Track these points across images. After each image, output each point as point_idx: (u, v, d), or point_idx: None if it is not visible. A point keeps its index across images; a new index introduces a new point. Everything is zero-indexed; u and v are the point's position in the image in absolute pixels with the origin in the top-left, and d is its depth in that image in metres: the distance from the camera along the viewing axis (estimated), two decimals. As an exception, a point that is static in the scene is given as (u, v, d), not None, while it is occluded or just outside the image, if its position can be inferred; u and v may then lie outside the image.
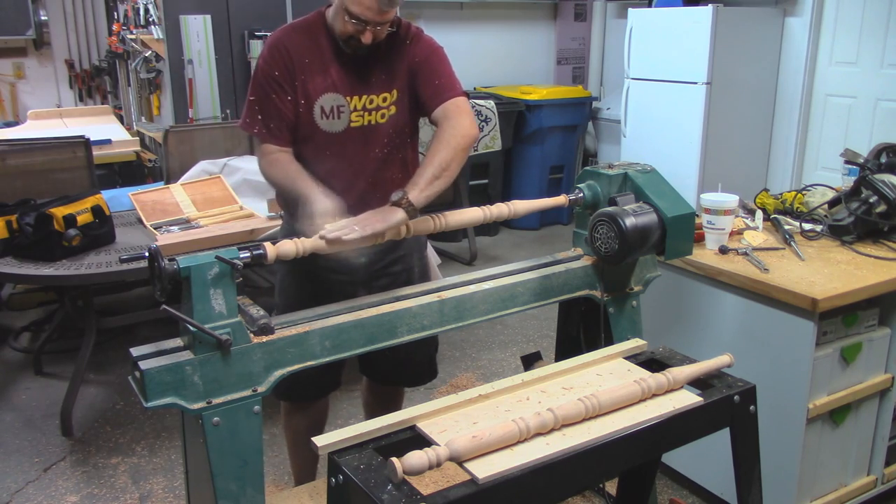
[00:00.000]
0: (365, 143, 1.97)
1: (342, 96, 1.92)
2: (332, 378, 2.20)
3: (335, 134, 1.94)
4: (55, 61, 6.18)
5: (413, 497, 1.24)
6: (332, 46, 1.93)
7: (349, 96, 1.93)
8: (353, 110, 1.94)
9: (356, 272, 2.03)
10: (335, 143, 1.95)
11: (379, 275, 2.08)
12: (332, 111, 1.93)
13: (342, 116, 1.93)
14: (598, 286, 1.93)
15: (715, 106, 4.71)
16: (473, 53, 6.24)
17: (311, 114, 1.92)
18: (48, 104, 5.98)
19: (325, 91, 1.91)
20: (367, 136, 1.97)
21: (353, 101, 1.94)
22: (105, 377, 3.50)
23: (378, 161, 2.01)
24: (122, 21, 5.58)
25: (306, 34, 1.93)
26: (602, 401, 1.47)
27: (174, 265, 1.43)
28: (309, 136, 1.95)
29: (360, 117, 1.95)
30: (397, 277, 2.10)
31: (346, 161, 1.97)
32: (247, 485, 1.54)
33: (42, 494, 2.65)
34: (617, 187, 1.89)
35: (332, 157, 1.96)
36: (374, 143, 1.99)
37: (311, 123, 1.93)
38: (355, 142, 1.96)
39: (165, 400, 1.43)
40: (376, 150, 2.00)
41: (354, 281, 2.03)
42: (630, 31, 5.06)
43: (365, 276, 2.05)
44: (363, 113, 1.95)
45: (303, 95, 1.91)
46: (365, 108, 1.95)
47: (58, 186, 3.45)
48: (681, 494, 2.54)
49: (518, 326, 3.98)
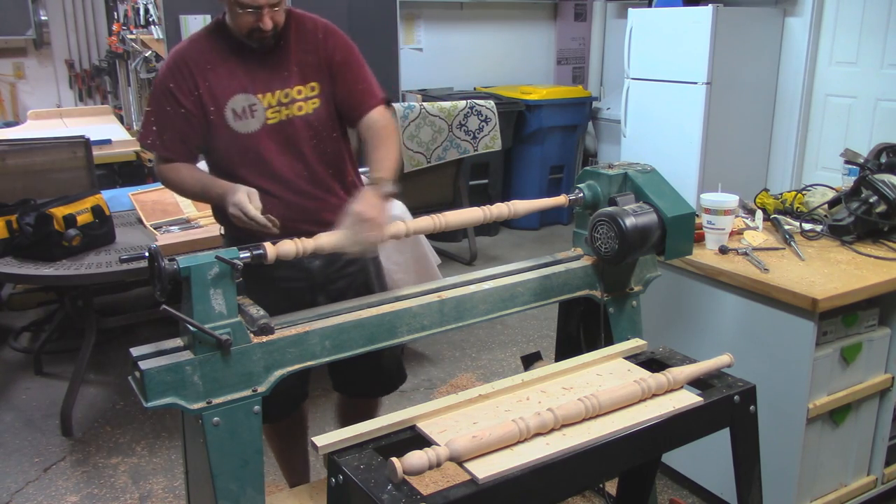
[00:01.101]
0: (286, 139, 1.96)
1: (252, 95, 1.92)
2: (300, 390, 2.17)
3: (252, 134, 1.93)
4: (55, 61, 6.18)
5: (413, 497, 1.24)
6: (235, 48, 1.93)
7: (261, 94, 1.92)
8: (268, 107, 1.93)
9: (313, 276, 2.03)
10: (255, 144, 1.94)
11: (335, 277, 2.07)
12: (245, 111, 1.92)
13: (256, 115, 1.92)
14: (598, 286, 1.93)
15: (715, 106, 4.71)
16: (473, 53, 6.24)
17: (222, 118, 1.91)
18: (48, 104, 5.98)
19: (234, 93, 1.91)
20: (288, 131, 1.96)
21: (267, 98, 1.93)
22: (105, 377, 3.50)
23: (306, 155, 1.99)
24: (122, 21, 5.58)
25: (206, 41, 1.94)
26: (602, 401, 1.47)
27: (174, 265, 1.43)
28: (227, 141, 1.93)
29: (277, 113, 1.94)
30: (354, 279, 2.09)
31: (273, 160, 1.95)
32: (247, 485, 1.54)
33: (42, 494, 2.65)
34: (617, 187, 1.89)
35: (257, 160, 1.94)
36: (297, 138, 1.97)
37: (224, 127, 1.92)
38: (275, 139, 1.95)
39: (165, 400, 1.43)
40: (302, 144, 1.98)
41: (313, 286, 2.03)
42: (630, 31, 5.06)
43: (322, 280, 2.04)
44: (279, 108, 1.94)
45: (211, 102, 1.90)
46: (280, 103, 1.94)
47: (58, 186, 3.44)
48: (681, 494, 2.54)
49: (518, 326, 3.98)
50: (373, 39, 5.11)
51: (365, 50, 2.07)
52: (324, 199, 2.02)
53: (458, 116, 4.76)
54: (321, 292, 2.03)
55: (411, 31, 5.94)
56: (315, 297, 2.01)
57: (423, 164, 4.66)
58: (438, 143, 4.70)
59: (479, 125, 4.87)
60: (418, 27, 5.98)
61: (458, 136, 4.79)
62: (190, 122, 1.91)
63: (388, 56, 5.26)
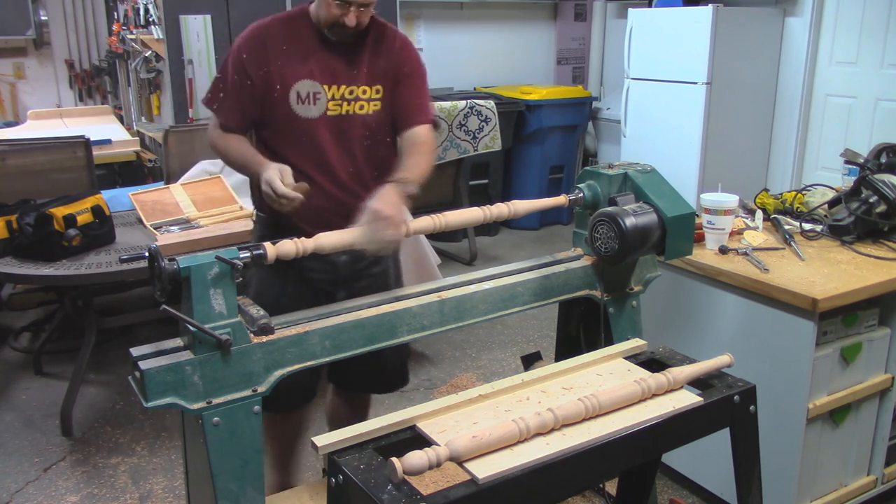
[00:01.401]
0: (341, 132, 2.02)
1: (319, 84, 1.98)
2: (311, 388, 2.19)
3: (311, 119, 1.99)
4: (55, 61, 6.17)
5: (413, 497, 1.24)
6: (314, 37, 2.00)
7: (327, 84, 1.99)
8: (331, 99, 1.99)
9: (339, 269, 2.06)
10: (312, 129, 2.00)
11: (360, 275, 2.10)
12: (308, 97, 1.98)
13: (318, 103, 1.98)
14: (598, 286, 1.93)
15: (715, 106, 4.71)
16: (473, 53, 6.24)
17: (286, 99, 1.97)
18: (48, 104, 5.97)
19: (301, 78, 1.97)
20: (344, 126, 2.02)
21: (332, 90, 1.99)
22: (105, 377, 3.50)
23: (356, 152, 2.04)
24: (122, 21, 5.58)
25: (288, 25, 2.01)
26: (602, 401, 1.47)
27: (174, 265, 1.43)
28: (285, 122, 1.99)
29: (338, 106, 2.00)
30: (376, 279, 2.13)
31: (327, 149, 2.01)
32: (247, 485, 1.54)
33: (42, 494, 2.65)
34: (617, 187, 1.89)
35: (310, 145, 2.00)
36: (351, 134, 2.03)
37: (286, 108, 1.98)
38: (331, 130, 2.01)
39: (165, 400, 1.43)
40: (354, 142, 2.03)
41: (336, 280, 2.07)
42: (630, 31, 5.06)
43: (346, 275, 2.08)
44: (341, 102, 2.00)
45: (278, 81, 1.96)
46: (343, 98, 2.00)
47: (58, 186, 3.45)
48: (681, 494, 2.54)
49: (518, 326, 3.98)
50: (373, 39, 5.11)
51: None
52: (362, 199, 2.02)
53: (458, 116, 4.76)
54: (343, 287, 2.07)
55: (411, 31, 5.94)
56: (336, 290, 2.05)
57: (423, 164, 4.65)
58: (438, 143, 4.70)
59: (479, 125, 4.87)
60: (418, 27, 5.98)
61: (458, 136, 4.79)
62: (253, 96, 1.98)
63: (388, 56, 5.25)
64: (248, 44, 1.98)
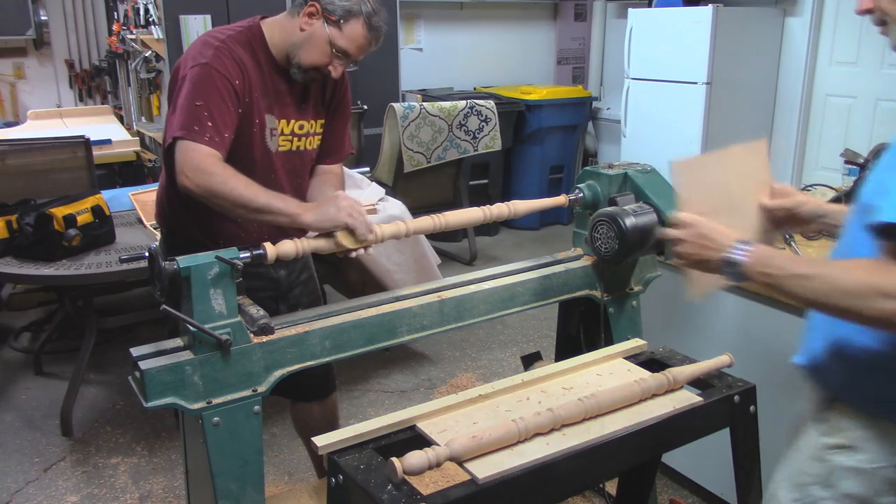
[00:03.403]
0: (293, 168, 1.96)
1: (275, 118, 1.88)
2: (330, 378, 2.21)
3: (273, 154, 1.90)
4: (55, 61, 6.17)
5: (413, 497, 1.24)
6: (272, 66, 1.86)
7: (280, 119, 1.88)
8: (281, 134, 1.90)
9: (280, 285, 2.04)
10: (274, 165, 1.91)
11: (294, 285, 2.09)
12: (271, 132, 1.88)
13: (274, 138, 1.89)
14: (598, 286, 1.93)
15: (715, 106, 4.71)
16: (473, 53, 6.24)
17: (263, 132, 1.85)
18: (48, 104, 5.97)
19: (267, 111, 1.86)
20: (295, 161, 1.96)
21: (281, 125, 1.89)
22: (105, 377, 3.50)
23: (303, 188, 2.00)
24: (122, 21, 5.58)
25: (249, 50, 1.83)
26: (602, 401, 1.47)
27: (174, 265, 1.43)
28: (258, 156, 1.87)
29: (289, 142, 1.92)
30: (306, 285, 2.13)
31: (284, 186, 1.92)
32: (247, 485, 1.55)
33: (42, 494, 2.65)
34: (617, 187, 1.89)
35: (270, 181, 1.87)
36: (302, 171, 1.99)
37: (262, 142, 1.85)
38: (286, 166, 1.94)
39: (165, 400, 1.43)
40: (303, 178, 2.00)
41: (277, 295, 2.03)
42: (630, 31, 5.06)
43: (285, 288, 2.06)
44: (291, 138, 1.92)
45: (257, 114, 1.84)
46: (294, 133, 1.92)
47: (58, 186, 3.45)
48: (681, 494, 2.54)
49: (518, 326, 3.98)
50: (373, 39, 5.11)
51: None
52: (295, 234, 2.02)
53: (458, 116, 4.76)
54: (283, 301, 2.04)
55: (411, 31, 5.94)
56: (278, 305, 2.01)
57: (423, 164, 4.66)
58: (438, 143, 4.70)
59: (479, 125, 4.87)
60: (418, 27, 5.98)
61: (458, 136, 4.79)
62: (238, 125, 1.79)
63: (388, 56, 5.26)
64: (233, 68, 1.77)
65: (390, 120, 4.57)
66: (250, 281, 1.71)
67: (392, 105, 4.57)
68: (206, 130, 1.71)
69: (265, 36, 1.86)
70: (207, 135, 1.71)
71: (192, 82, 1.74)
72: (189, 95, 1.73)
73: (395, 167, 4.57)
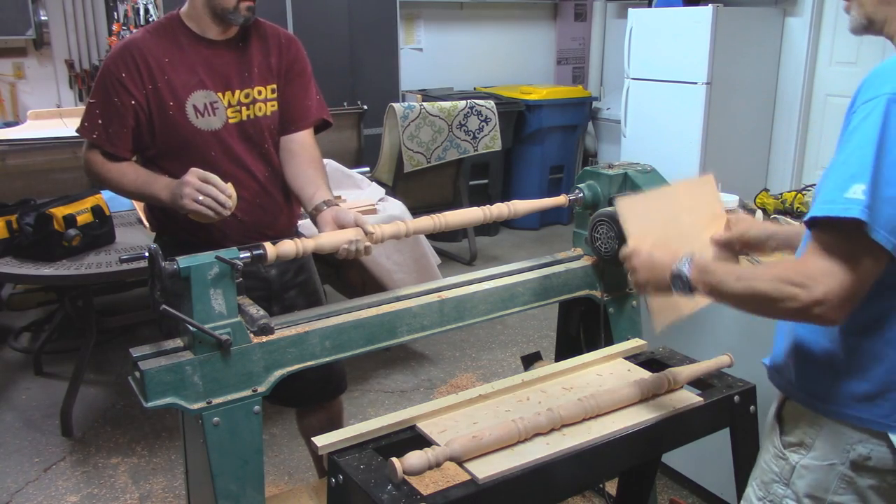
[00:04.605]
0: (249, 137, 1.95)
1: (213, 92, 1.88)
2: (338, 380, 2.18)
3: (215, 132, 1.89)
4: (55, 61, 6.17)
5: (413, 497, 1.24)
6: (195, 44, 1.88)
7: (221, 92, 1.89)
8: (229, 105, 1.90)
9: (272, 285, 2.04)
10: (217, 141, 1.90)
11: (289, 286, 2.08)
12: (206, 108, 1.88)
13: (217, 113, 1.89)
14: (598, 286, 1.93)
15: (715, 106, 4.71)
16: (473, 53, 6.24)
17: (183, 114, 1.86)
18: (48, 104, 5.97)
19: (194, 89, 1.86)
20: (250, 130, 1.94)
21: (227, 97, 1.90)
22: (105, 377, 3.50)
23: (270, 155, 1.99)
24: (122, 21, 5.58)
25: (164, 36, 1.87)
26: (602, 401, 1.47)
27: (174, 265, 1.43)
28: (187, 138, 1.88)
29: (238, 112, 1.91)
30: (304, 287, 2.11)
31: (233, 159, 1.93)
32: (247, 485, 1.54)
33: (42, 494, 2.65)
34: (617, 187, 1.89)
35: (219, 157, 1.90)
36: (258, 138, 1.96)
37: (186, 124, 1.87)
38: (240, 137, 1.93)
39: (165, 400, 1.43)
40: (266, 144, 1.98)
41: (269, 296, 2.02)
42: (630, 31, 5.06)
43: (278, 288, 2.05)
44: (239, 108, 1.91)
45: (170, 97, 1.85)
46: (241, 103, 1.92)
47: (58, 186, 3.44)
48: (681, 494, 2.54)
49: (518, 326, 3.98)
50: (373, 39, 5.11)
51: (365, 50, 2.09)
52: (281, 204, 2.04)
53: (458, 116, 4.76)
54: (276, 302, 2.03)
55: (411, 31, 5.94)
56: (270, 306, 1.99)
57: (423, 164, 4.66)
58: (438, 143, 4.70)
59: (479, 125, 4.87)
60: (418, 27, 5.98)
61: (458, 136, 4.79)
62: (138, 116, 1.84)
63: (388, 56, 5.26)
64: (126, 62, 1.82)
65: (390, 120, 4.57)
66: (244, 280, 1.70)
67: (392, 105, 4.57)
68: (94, 128, 1.85)
69: (182, 19, 1.89)
70: (95, 132, 1.85)
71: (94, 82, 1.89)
72: (91, 95, 1.88)
73: (395, 167, 4.57)
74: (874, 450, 1.19)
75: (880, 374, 1.17)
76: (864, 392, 1.18)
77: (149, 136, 1.88)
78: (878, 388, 1.17)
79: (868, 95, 1.12)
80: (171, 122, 1.85)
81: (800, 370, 1.27)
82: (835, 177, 1.10)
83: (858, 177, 1.07)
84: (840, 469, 1.22)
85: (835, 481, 1.22)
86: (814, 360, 1.24)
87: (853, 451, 1.20)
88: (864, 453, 1.19)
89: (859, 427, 1.20)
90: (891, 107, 1.08)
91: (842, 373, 1.20)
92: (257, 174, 1.97)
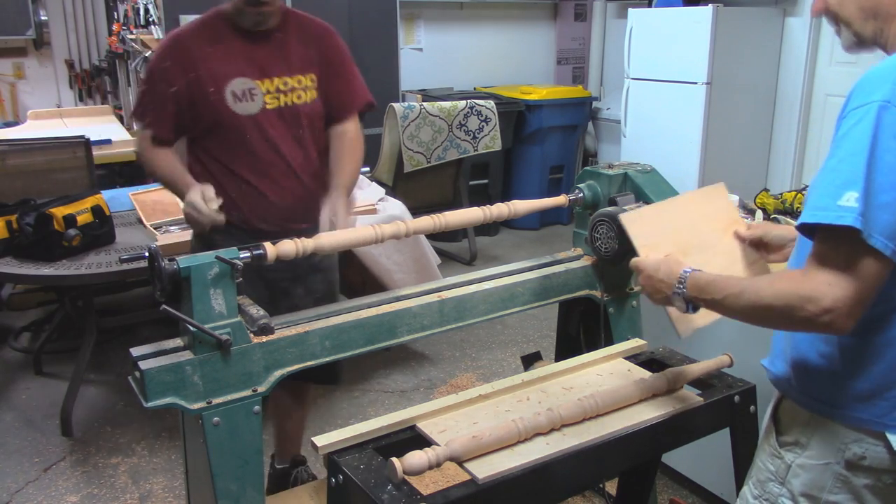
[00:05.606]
0: (287, 123, 2.05)
1: (251, 80, 2.00)
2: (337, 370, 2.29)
3: (252, 116, 2.01)
4: (55, 61, 6.17)
5: (413, 497, 1.24)
6: (235, 36, 2.01)
7: (259, 80, 2.01)
8: (266, 92, 2.02)
9: (297, 266, 2.08)
10: (254, 125, 2.01)
11: (315, 269, 2.16)
12: (245, 94, 2.00)
13: (255, 99, 2.01)
14: (598, 286, 1.93)
15: (715, 106, 4.71)
16: (473, 53, 6.24)
17: (223, 99, 1.98)
18: (48, 104, 5.97)
19: (233, 76, 1.99)
20: (288, 116, 2.05)
21: (265, 84, 2.02)
22: (105, 377, 3.50)
23: (306, 142, 2.09)
24: (122, 21, 5.57)
25: (206, 28, 2.03)
26: (602, 401, 1.47)
27: (174, 265, 1.43)
28: (226, 122, 2.00)
29: (276, 99, 2.03)
30: (327, 274, 2.20)
31: (268, 142, 2.03)
32: (247, 485, 1.55)
33: (42, 494, 2.65)
34: (617, 187, 1.89)
35: (255, 140, 2.02)
36: (299, 123, 2.06)
37: (225, 109, 1.99)
38: (274, 123, 2.03)
39: (165, 400, 1.43)
40: (303, 130, 2.07)
41: (294, 277, 2.12)
42: (630, 31, 5.06)
43: (303, 271, 2.13)
44: (277, 95, 2.03)
45: (211, 83, 1.97)
46: (279, 90, 2.03)
47: (58, 186, 3.44)
48: (681, 494, 2.54)
49: (518, 326, 3.98)
50: (373, 39, 5.11)
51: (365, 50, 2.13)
52: (312, 189, 2.10)
53: (458, 116, 4.76)
54: (301, 283, 2.13)
55: (411, 31, 5.94)
56: (295, 288, 2.11)
57: (423, 164, 4.66)
58: (438, 143, 4.70)
59: (479, 125, 4.87)
60: (418, 27, 5.98)
61: (458, 136, 4.79)
62: (180, 103, 1.98)
63: (388, 56, 5.26)
64: (170, 52, 2.00)
65: (390, 120, 4.57)
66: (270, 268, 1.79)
67: (392, 105, 4.57)
68: (146, 113, 2.03)
69: (224, 13, 2.03)
70: (148, 118, 2.02)
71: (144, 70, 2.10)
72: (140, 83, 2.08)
73: (394, 167, 4.57)
74: (869, 449, 1.19)
75: (878, 375, 1.17)
76: (862, 392, 1.19)
77: (190, 120, 2.01)
78: (877, 388, 1.18)
79: (858, 102, 1.12)
80: (211, 106, 1.98)
81: (798, 371, 1.27)
82: (826, 182, 1.10)
83: (851, 184, 1.07)
84: (835, 468, 1.22)
85: (830, 480, 1.23)
86: (812, 360, 1.25)
87: (848, 451, 1.21)
88: (860, 453, 1.20)
89: (856, 427, 1.20)
90: (882, 114, 1.08)
91: (840, 373, 1.21)
92: (290, 159, 2.06)
